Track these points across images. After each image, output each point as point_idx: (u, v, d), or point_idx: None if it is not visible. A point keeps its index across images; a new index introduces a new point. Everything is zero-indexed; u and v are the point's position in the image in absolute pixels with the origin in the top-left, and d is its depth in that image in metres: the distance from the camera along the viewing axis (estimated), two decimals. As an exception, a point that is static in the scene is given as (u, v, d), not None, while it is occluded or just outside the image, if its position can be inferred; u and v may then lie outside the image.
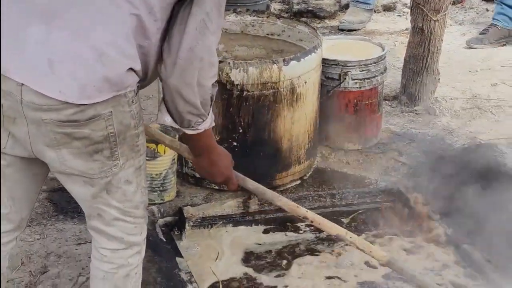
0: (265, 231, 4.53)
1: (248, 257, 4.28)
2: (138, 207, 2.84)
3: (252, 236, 4.48)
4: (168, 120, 2.84)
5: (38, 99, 2.51)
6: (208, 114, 2.85)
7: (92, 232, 2.88)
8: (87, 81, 2.52)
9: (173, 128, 2.88)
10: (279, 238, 4.49)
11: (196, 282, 3.86)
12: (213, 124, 2.96)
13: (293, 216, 4.51)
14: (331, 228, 3.48)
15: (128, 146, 2.70)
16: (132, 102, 2.68)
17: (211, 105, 2.86)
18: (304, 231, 4.52)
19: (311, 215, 3.45)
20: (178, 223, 4.45)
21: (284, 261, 4.26)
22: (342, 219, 4.64)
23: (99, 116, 2.58)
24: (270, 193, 3.44)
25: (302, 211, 3.45)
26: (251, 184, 3.27)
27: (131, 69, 2.62)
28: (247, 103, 4.51)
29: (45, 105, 2.52)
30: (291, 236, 4.50)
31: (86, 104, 2.53)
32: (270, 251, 4.36)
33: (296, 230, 4.55)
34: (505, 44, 7.42)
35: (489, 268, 4.12)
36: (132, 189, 2.78)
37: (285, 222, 4.56)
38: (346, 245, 4.04)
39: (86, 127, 2.58)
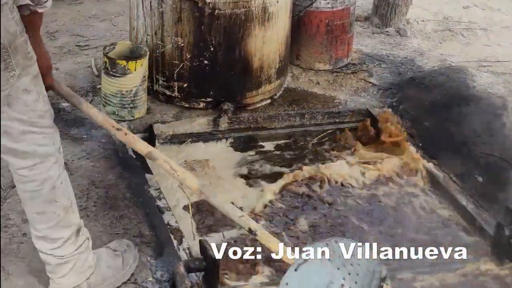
0: (234, 148, 4.60)
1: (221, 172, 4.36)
2: (43, 116, 2.83)
3: (220, 153, 4.53)
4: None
5: None
6: None
7: (4, 156, 2.86)
8: None
9: (28, 6, 2.77)
10: (245, 154, 4.57)
11: (165, 198, 3.91)
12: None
13: (260, 135, 4.59)
14: (142, 146, 3.25)
15: (21, 55, 2.68)
16: (13, 8, 2.64)
17: None
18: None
19: (126, 129, 3.28)
20: (148, 140, 4.46)
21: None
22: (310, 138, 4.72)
23: None
24: (82, 101, 3.27)
25: (116, 124, 3.26)
26: (65, 88, 3.17)
27: None
28: (218, 22, 4.49)
29: None
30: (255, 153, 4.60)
31: None
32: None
33: (260, 147, 4.64)
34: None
35: (454, 188, 4.20)
36: (33, 98, 2.77)
37: (253, 140, 4.61)
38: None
39: None
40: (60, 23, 5.96)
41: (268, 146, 4.62)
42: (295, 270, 2.88)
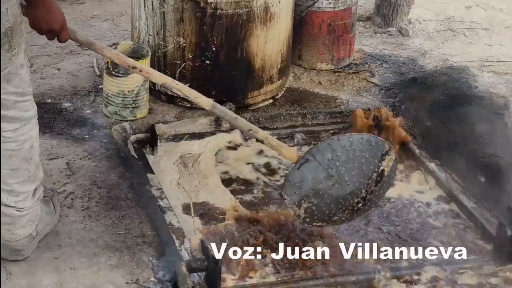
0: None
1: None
2: (29, 84, 3.05)
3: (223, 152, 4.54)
4: None
5: None
6: None
7: None
8: None
9: None
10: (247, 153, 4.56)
11: (167, 198, 3.91)
12: None
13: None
14: (157, 77, 3.60)
15: (18, 35, 2.86)
16: None
17: None
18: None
19: (140, 65, 3.55)
20: (150, 140, 4.47)
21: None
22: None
23: None
24: (98, 45, 3.51)
25: (130, 61, 3.54)
26: (80, 36, 3.38)
27: None
28: (220, 22, 4.49)
29: None
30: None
31: None
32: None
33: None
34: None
35: (456, 188, 4.20)
36: (25, 70, 2.98)
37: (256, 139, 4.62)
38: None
39: None
40: (62, 23, 5.95)
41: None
42: (298, 168, 3.38)
